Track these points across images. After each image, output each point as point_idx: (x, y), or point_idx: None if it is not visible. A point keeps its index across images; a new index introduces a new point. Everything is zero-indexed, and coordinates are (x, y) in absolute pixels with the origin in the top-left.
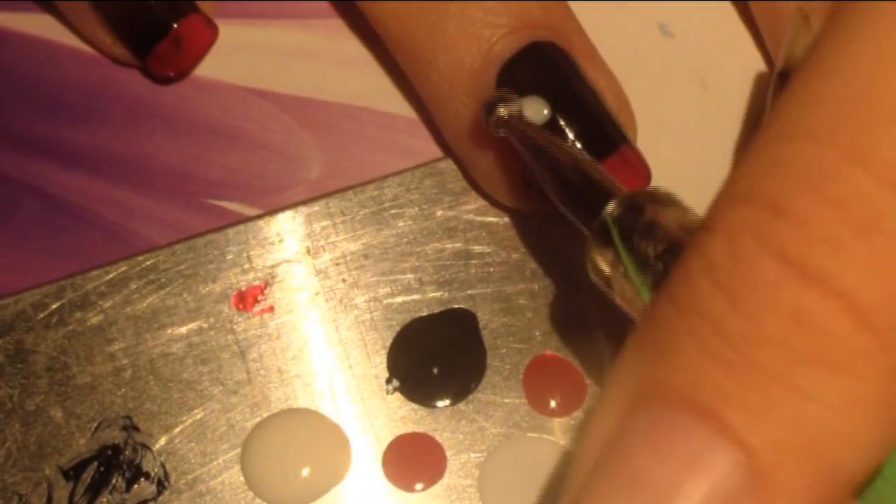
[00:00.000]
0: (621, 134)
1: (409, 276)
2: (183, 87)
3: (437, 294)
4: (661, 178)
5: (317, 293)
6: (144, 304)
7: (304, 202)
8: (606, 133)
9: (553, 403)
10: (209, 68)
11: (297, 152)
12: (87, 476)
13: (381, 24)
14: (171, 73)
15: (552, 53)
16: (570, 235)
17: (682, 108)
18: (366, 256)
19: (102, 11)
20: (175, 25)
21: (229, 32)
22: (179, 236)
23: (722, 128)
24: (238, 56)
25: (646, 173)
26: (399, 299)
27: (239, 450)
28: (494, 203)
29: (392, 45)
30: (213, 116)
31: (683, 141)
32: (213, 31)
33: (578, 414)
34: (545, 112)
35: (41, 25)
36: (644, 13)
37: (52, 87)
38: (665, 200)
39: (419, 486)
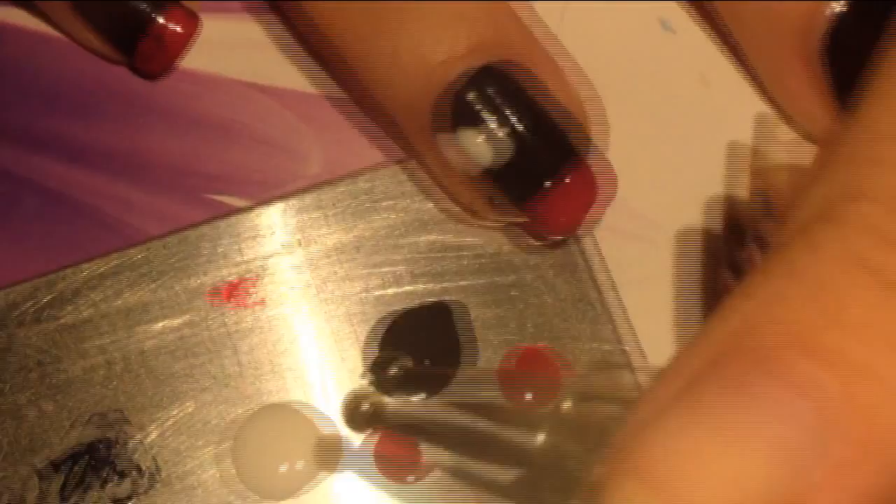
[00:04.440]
0: (573, 150)
1: (401, 267)
2: (183, 81)
3: (429, 286)
4: (660, 174)
5: (308, 285)
6: (135, 297)
7: (294, 194)
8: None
9: (529, 396)
10: (209, 63)
11: (297, 147)
12: (79, 469)
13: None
14: (158, 69)
15: (505, 75)
16: None
17: (682, 104)
18: (357, 248)
19: (82, 11)
20: (155, 17)
21: (228, 27)
22: None
23: (722, 124)
24: (238, 50)
25: (608, 185)
26: (391, 291)
27: (230, 442)
28: None
29: (338, 51)
30: (213, 111)
31: (683, 137)
32: (194, 22)
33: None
34: (479, 140)
35: (39, 20)
36: (645, 8)
37: (50, 81)
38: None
39: (411, 477)
